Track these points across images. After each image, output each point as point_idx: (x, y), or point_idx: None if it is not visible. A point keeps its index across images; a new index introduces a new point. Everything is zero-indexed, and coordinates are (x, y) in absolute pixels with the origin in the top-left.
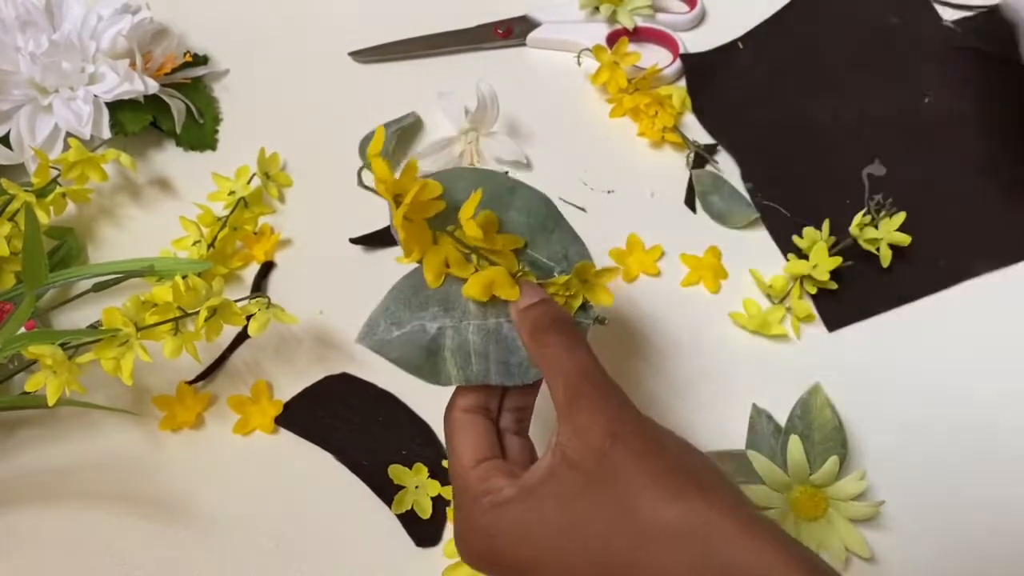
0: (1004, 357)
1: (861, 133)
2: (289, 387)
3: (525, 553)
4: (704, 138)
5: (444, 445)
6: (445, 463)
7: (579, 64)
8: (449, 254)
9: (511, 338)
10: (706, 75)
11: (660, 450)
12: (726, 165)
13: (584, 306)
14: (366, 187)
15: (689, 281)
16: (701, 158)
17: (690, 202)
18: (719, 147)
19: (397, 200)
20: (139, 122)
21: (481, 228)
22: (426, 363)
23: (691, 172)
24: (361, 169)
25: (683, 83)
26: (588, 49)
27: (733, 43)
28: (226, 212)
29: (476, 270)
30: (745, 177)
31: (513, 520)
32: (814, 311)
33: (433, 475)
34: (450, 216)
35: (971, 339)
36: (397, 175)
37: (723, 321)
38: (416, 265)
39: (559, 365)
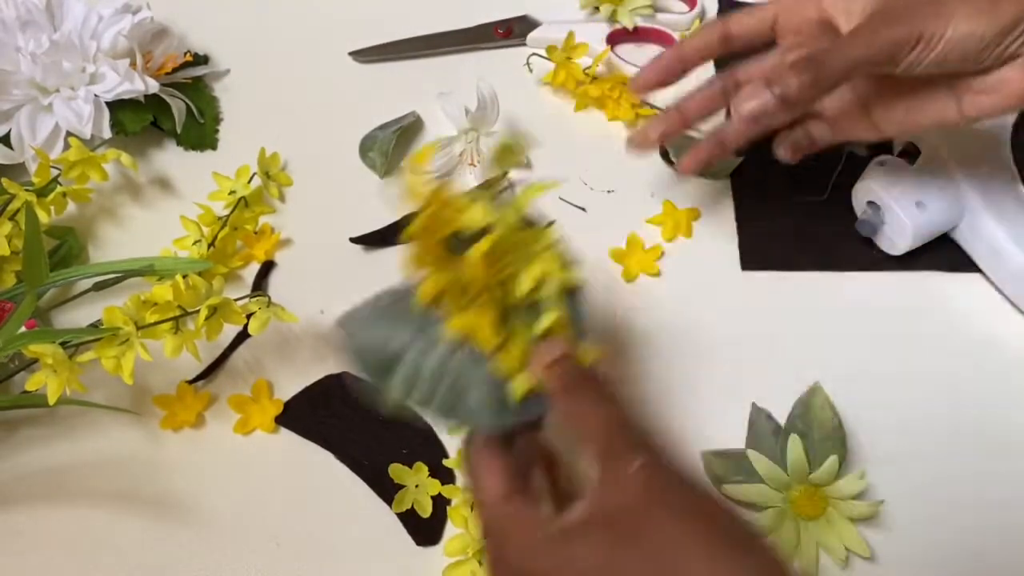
0: (1005, 356)
1: None
2: (289, 386)
3: None
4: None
5: (444, 444)
6: (445, 462)
7: (530, 71)
8: (451, 281)
9: (469, 379)
10: None
11: (698, 508)
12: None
13: (574, 293)
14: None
15: (668, 236)
16: None
17: (664, 155)
18: None
19: (420, 211)
20: (139, 122)
21: (487, 270)
22: (377, 371)
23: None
24: (376, 171)
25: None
26: (537, 54)
27: None
28: (226, 212)
29: (468, 306)
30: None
31: (550, 561)
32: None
33: (433, 474)
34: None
35: (969, 336)
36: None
37: (723, 320)
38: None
39: (592, 422)
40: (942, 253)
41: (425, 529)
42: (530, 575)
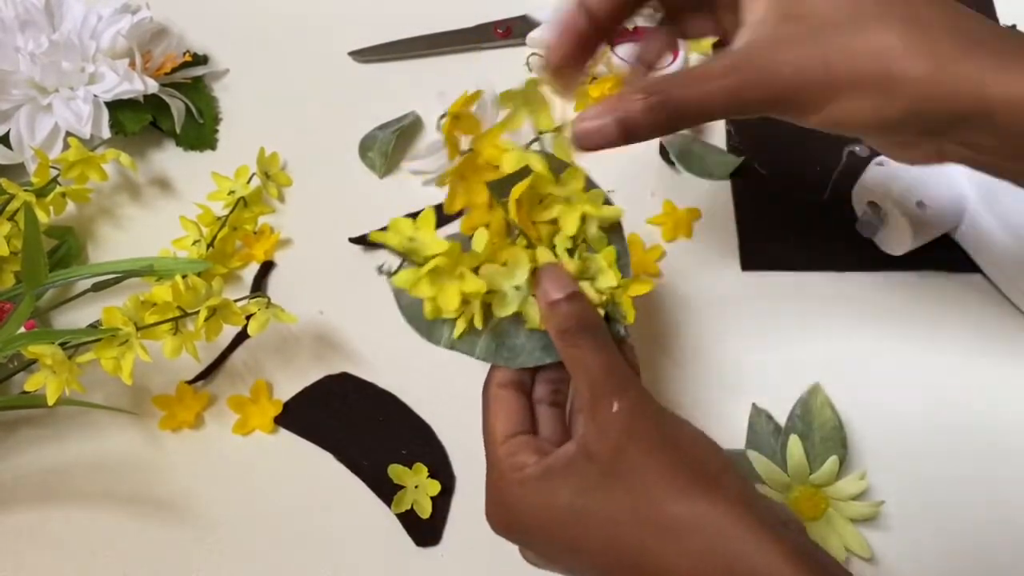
0: (1005, 356)
1: None
2: (289, 387)
3: (541, 531)
4: None
5: (444, 445)
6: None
7: (530, 70)
8: (495, 223)
9: (514, 322)
10: None
11: (674, 447)
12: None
13: (608, 318)
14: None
15: (668, 236)
16: None
17: (664, 155)
18: None
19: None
20: (139, 122)
21: (526, 212)
22: (426, 320)
23: (660, 140)
24: (441, 118)
25: None
26: (536, 53)
27: None
28: (226, 212)
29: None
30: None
31: (533, 499)
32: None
33: (433, 475)
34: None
35: (970, 337)
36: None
37: (723, 320)
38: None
39: (585, 365)
40: (942, 253)
41: (424, 530)
42: (518, 513)
